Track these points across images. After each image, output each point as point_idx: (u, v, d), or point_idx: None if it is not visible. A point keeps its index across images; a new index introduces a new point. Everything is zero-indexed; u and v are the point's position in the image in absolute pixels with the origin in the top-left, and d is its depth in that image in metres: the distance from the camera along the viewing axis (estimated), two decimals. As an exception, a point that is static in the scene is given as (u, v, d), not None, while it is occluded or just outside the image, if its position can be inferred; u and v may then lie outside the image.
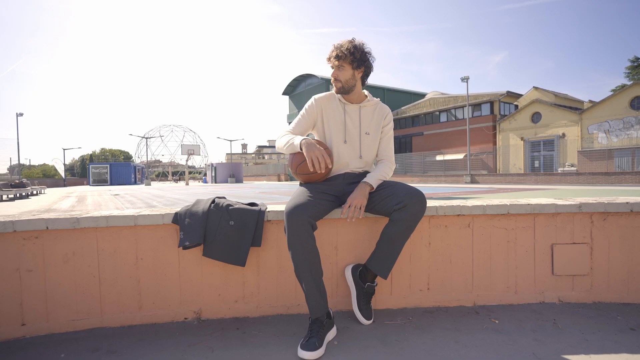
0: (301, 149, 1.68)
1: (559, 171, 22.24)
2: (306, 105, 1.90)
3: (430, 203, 1.94)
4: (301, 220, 1.53)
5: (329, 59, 1.80)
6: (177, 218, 1.72)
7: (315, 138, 1.93)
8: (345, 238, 1.88)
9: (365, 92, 1.92)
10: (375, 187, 1.73)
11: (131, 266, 1.71)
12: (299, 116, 1.90)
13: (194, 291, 1.77)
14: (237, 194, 14.73)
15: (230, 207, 1.76)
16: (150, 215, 1.70)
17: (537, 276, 1.92)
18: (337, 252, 1.88)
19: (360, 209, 1.66)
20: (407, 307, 1.90)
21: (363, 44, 1.79)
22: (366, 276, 1.75)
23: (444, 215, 1.89)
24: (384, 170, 1.82)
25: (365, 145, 1.87)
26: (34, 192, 18.36)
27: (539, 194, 10.78)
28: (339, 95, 1.87)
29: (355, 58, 1.74)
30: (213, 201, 1.80)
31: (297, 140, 1.70)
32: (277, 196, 12.50)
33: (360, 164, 1.87)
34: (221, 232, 1.70)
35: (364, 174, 1.87)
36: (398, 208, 1.60)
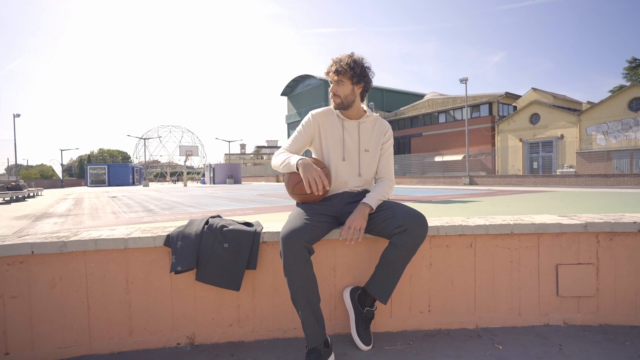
0: (297, 170, 1.62)
1: (558, 173, 22.23)
2: (303, 122, 1.84)
3: (431, 222, 1.88)
4: (297, 246, 1.47)
5: (327, 74, 1.75)
6: (169, 240, 1.65)
7: (313, 155, 1.87)
8: (343, 259, 1.81)
9: (364, 106, 1.86)
10: (374, 208, 1.67)
11: (121, 290, 1.65)
12: (295, 132, 1.84)
13: (187, 315, 1.71)
14: (234, 196, 14.66)
15: (225, 229, 1.69)
16: (141, 238, 1.64)
17: (541, 297, 1.86)
18: (335, 273, 1.82)
19: (359, 231, 1.60)
20: (407, 329, 1.84)
21: (362, 58, 1.74)
22: (365, 300, 1.68)
23: (445, 235, 1.83)
24: (384, 190, 1.76)
25: (365, 162, 1.81)
26: (31, 194, 18.24)
27: (538, 197, 10.75)
28: (337, 110, 1.82)
29: (355, 73, 1.69)
30: (207, 222, 1.74)
31: (294, 160, 1.64)
32: (275, 199, 12.42)
33: (359, 182, 1.81)
34: (215, 255, 1.64)
35: (363, 192, 1.81)
36: (398, 232, 1.55)
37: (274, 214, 7.39)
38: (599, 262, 1.85)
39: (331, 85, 1.74)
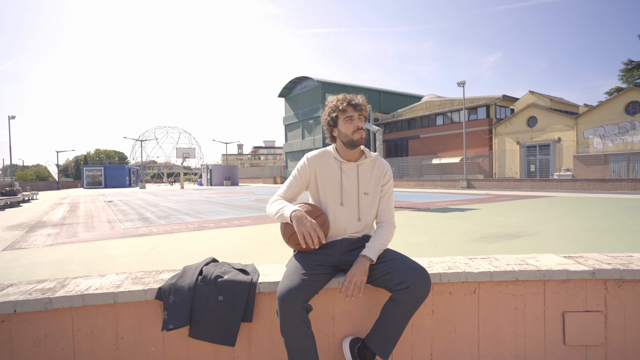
0: (291, 222, 1.55)
1: (555, 176, 22.27)
2: (298, 166, 1.77)
3: (433, 268, 1.82)
4: (295, 307, 1.40)
5: (345, 110, 1.68)
6: (161, 294, 1.58)
7: (310, 200, 1.81)
8: (342, 308, 1.74)
9: (362, 146, 1.80)
10: (375, 260, 1.60)
11: (110, 346, 1.57)
12: (291, 177, 1.77)
13: (180, 370, 1.63)
14: (231, 201, 14.56)
15: (219, 280, 1.62)
16: (131, 292, 1.56)
17: (547, 346, 1.80)
18: (334, 322, 1.75)
19: (360, 286, 1.54)
20: (409, 380, 1.77)
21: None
22: (365, 354, 1.61)
23: (448, 282, 1.77)
24: (385, 237, 1.69)
25: (364, 206, 1.74)
26: (26, 199, 18.06)
27: (536, 205, 10.72)
28: (334, 152, 1.75)
29: (367, 112, 1.73)
30: (200, 272, 1.66)
31: (288, 211, 1.58)
32: (273, 205, 12.31)
33: (359, 227, 1.74)
34: (209, 309, 1.57)
35: (363, 238, 1.74)
36: (400, 289, 1.48)
37: (270, 226, 7.32)
38: (607, 310, 1.79)
39: (351, 121, 1.68)
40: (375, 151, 13.15)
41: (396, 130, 36.20)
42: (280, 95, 44.10)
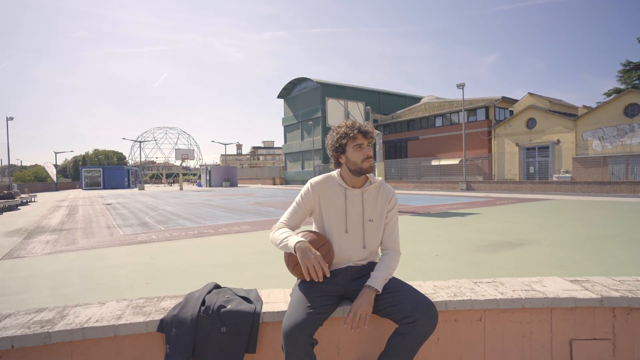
0: (295, 253, 1.53)
1: (554, 178, 22.29)
2: (302, 192, 1.74)
3: (439, 295, 1.79)
4: (301, 342, 1.38)
5: (355, 137, 1.65)
6: (163, 326, 1.55)
7: (313, 227, 1.78)
8: (347, 336, 1.72)
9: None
10: (381, 290, 1.58)
11: (111, 379, 1.54)
12: (294, 204, 1.74)
13: (182, 402, 1.60)
14: (231, 204, 14.52)
15: (222, 310, 1.59)
16: (132, 324, 1.53)
17: (554, 374, 1.77)
18: (339, 351, 1.72)
19: (365, 317, 1.51)
20: (414, 409, 1.74)
21: None
22: (371, 386, 1.59)
23: (453, 310, 1.74)
24: (390, 266, 1.66)
25: (369, 233, 1.71)
26: (25, 201, 17.98)
27: (536, 208, 10.72)
28: (338, 178, 1.73)
29: (375, 139, 1.72)
30: (203, 302, 1.63)
31: (292, 241, 1.55)
32: (272, 210, 12.31)
33: (364, 254, 1.72)
34: (212, 341, 1.54)
35: (369, 266, 1.72)
36: (407, 322, 1.45)
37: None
38: (615, 338, 1.76)
39: (360, 149, 1.65)
40: (374, 155, 13.11)
41: (395, 132, 36.19)
42: (279, 96, 44.06)
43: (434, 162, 29.41)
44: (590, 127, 22.54)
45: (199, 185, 44.72)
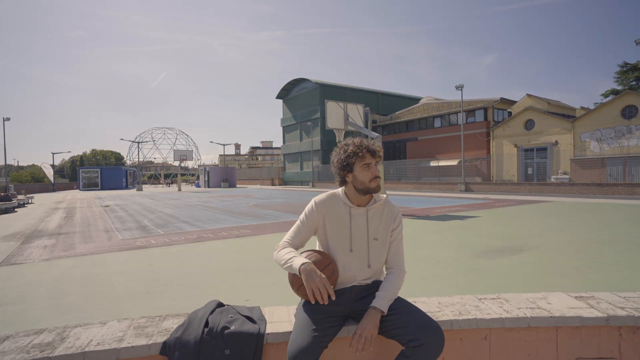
0: (300, 274, 1.51)
1: (552, 179, 22.35)
2: (306, 210, 1.72)
3: (444, 314, 1.78)
4: (307, 368, 1.36)
5: (363, 157, 1.64)
6: (166, 349, 1.53)
7: (317, 246, 1.76)
8: (351, 357, 1.70)
9: None
10: (386, 311, 1.56)
11: (113, 403, 1.52)
12: (298, 222, 1.72)
13: None
14: (229, 207, 14.48)
15: (226, 332, 1.57)
16: (134, 347, 1.51)
17: (560, 394, 1.76)
18: (343, 371, 1.70)
19: (371, 339, 1.49)
20: None
21: None
22: (376, 408, 1.57)
23: (459, 329, 1.73)
24: (395, 286, 1.65)
25: (374, 252, 1.70)
26: (22, 203, 17.89)
27: (535, 211, 10.73)
28: (343, 197, 1.71)
29: (382, 158, 1.72)
30: (206, 323, 1.61)
31: (296, 263, 1.53)
32: (271, 212, 12.28)
33: (369, 273, 1.70)
34: (215, 364, 1.52)
35: (373, 285, 1.70)
36: (413, 345, 1.44)
37: (270, 237, 7.27)
38: (621, 357, 1.75)
39: (371, 168, 1.65)
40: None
41: (394, 132, 36.22)
42: (278, 97, 44.02)
43: (433, 163, 29.45)
44: (588, 129, 22.62)
45: (197, 186, 44.63)
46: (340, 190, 1.75)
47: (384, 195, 1.78)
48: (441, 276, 4.11)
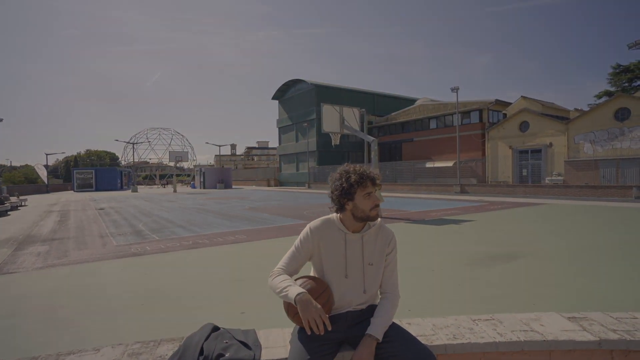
0: (295, 304, 1.51)
1: (547, 181, 22.54)
2: (301, 236, 1.72)
3: (437, 338, 1.79)
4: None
5: (365, 186, 1.65)
6: (159, 378, 1.52)
7: (311, 272, 1.77)
8: (347, 382, 1.70)
9: None
10: (381, 338, 1.56)
11: None
12: (292, 248, 1.72)
13: None
14: (225, 210, 14.45)
15: (221, 359, 1.57)
16: (128, 378, 1.50)
17: (553, 417, 1.78)
18: (338, 396, 1.70)
19: (366, 367, 1.50)
20: None
21: None
22: None
23: (453, 353, 1.74)
24: (391, 311, 1.65)
25: (369, 277, 1.70)
26: (15, 206, 17.72)
27: (530, 215, 10.81)
28: (338, 223, 1.71)
29: (381, 186, 1.73)
30: (201, 351, 1.61)
31: (292, 292, 1.53)
32: (267, 216, 12.27)
33: (364, 299, 1.71)
34: (209, 394, 1.51)
35: (368, 310, 1.71)
36: (408, 375, 1.44)
37: (265, 243, 7.27)
38: (612, 380, 1.77)
39: (372, 197, 1.66)
40: (370, 161, 13.13)
41: (390, 134, 36.33)
42: (274, 98, 43.96)
43: (429, 165, 29.57)
44: (582, 131, 22.84)
45: (193, 186, 44.45)
46: (335, 216, 1.75)
47: (379, 219, 1.79)
48: (436, 287, 4.13)
